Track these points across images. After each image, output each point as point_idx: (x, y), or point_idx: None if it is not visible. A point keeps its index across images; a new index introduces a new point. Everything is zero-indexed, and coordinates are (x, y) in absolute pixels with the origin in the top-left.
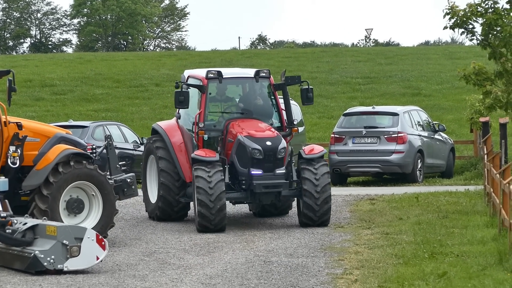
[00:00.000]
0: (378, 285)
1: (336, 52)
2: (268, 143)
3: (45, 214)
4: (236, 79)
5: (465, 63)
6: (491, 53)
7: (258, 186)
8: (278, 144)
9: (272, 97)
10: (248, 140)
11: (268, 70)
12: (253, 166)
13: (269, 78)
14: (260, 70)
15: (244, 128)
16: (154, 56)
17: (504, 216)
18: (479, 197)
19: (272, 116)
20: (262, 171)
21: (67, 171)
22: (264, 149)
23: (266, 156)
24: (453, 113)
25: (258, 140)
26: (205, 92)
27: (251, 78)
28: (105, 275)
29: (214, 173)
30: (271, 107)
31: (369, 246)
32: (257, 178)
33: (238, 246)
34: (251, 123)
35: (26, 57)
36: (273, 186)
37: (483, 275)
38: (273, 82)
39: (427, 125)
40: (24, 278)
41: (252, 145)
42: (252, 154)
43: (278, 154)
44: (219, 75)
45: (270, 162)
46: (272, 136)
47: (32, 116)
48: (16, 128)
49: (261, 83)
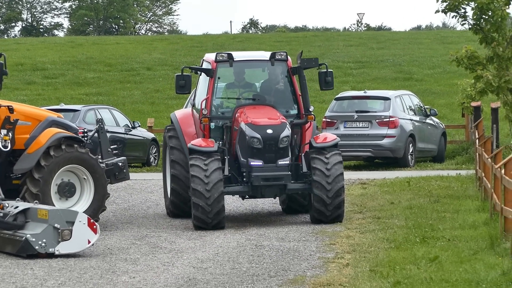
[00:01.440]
0: (369, 269)
1: (327, 37)
2: (268, 131)
3: (37, 198)
4: (249, 62)
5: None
6: (483, 37)
7: (256, 179)
8: (280, 132)
9: (289, 82)
10: (248, 128)
11: (285, 52)
12: (252, 156)
13: (286, 61)
14: (276, 53)
15: (249, 116)
16: (146, 40)
17: (495, 200)
18: (470, 182)
19: (289, 103)
20: (262, 162)
21: (58, 154)
22: (263, 137)
23: (266, 145)
24: (445, 98)
25: (258, 128)
26: (213, 76)
27: (266, 61)
28: (96, 258)
29: (211, 161)
30: (288, 93)
31: (360, 231)
32: (256, 170)
33: (229, 230)
34: (260, 110)
35: (17, 40)
36: (274, 179)
37: (474, 259)
38: (291, 66)
39: (418, 110)
40: (16, 261)
41: (252, 133)
42: (251, 143)
43: (280, 143)
44: (230, 58)
45: (271, 152)
46: (275, 123)
47: (23, 100)
48: (7, 111)
49: (277, 67)
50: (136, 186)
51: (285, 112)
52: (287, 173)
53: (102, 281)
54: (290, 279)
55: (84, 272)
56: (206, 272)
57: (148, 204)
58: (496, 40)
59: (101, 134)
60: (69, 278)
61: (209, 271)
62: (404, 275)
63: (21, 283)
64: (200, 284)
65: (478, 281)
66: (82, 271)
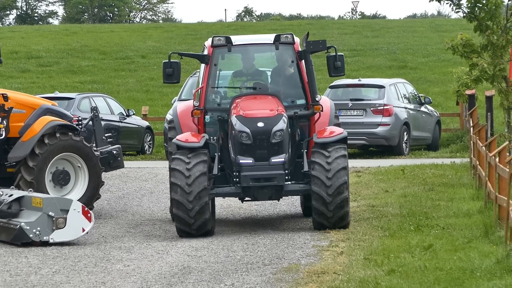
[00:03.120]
0: (364, 257)
1: (322, 25)
2: (259, 124)
3: (31, 186)
4: (250, 47)
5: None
6: (477, 25)
7: (245, 179)
8: (273, 126)
9: (297, 68)
10: (238, 121)
11: (291, 34)
12: (242, 153)
13: (293, 44)
14: (281, 35)
15: (242, 107)
16: (140, 28)
17: (490, 188)
18: (465, 170)
19: (296, 92)
20: (253, 160)
21: (53, 142)
22: (253, 132)
23: (257, 140)
24: (439, 86)
25: (248, 121)
26: (209, 63)
27: (269, 45)
28: (91, 247)
29: (195, 164)
30: (295, 81)
31: (355, 219)
32: (246, 169)
33: (224, 219)
34: (258, 100)
35: (12, 28)
36: (265, 179)
37: (468, 247)
38: (299, 49)
39: (413, 98)
40: (10, 249)
41: (241, 127)
42: (239, 139)
43: (273, 138)
44: (228, 42)
45: (263, 149)
46: (268, 115)
47: (18, 88)
48: (1, 99)
49: (283, 51)
50: (130, 174)
51: (291, 102)
52: (281, 172)
53: (96, 269)
54: (284, 267)
55: (79, 260)
56: (200, 260)
57: (143, 192)
58: (491, 28)
59: (95, 122)
60: (64, 266)
61: (203, 259)
62: (399, 263)
63: (15, 271)
64: (194, 272)
65: (472, 269)
66: (77, 259)
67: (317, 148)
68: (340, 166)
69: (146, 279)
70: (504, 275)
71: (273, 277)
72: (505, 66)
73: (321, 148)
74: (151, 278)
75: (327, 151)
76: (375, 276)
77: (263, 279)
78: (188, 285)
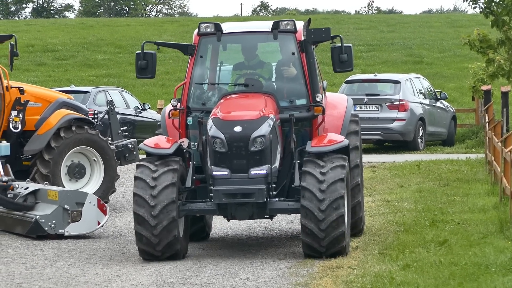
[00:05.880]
0: (378, 252)
1: (338, 20)
2: (236, 129)
3: (47, 179)
4: (243, 35)
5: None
6: (494, 21)
7: (217, 194)
8: (252, 131)
9: (298, 61)
10: (213, 124)
11: (292, 20)
12: (216, 163)
13: (294, 33)
14: (280, 22)
15: (223, 108)
16: (156, 22)
17: (505, 184)
18: (480, 166)
19: (296, 90)
20: (228, 172)
21: (68, 136)
22: (228, 137)
23: (232, 148)
24: (455, 81)
25: (224, 125)
26: (194, 54)
27: (265, 34)
28: (106, 240)
29: (163, 173)
30: (295, 76)
31: (370, 214)
32: (219, 182)
33: None
34: (244, 100)
35: (28, 22)
36: (242, 195)
37: (483, 243)
38: (301, 39)
39: (428, 93)
40: (26, 242)
41: (214, 132)
42: (213, 146)
43: (252, 145)
44: (217, 30)
45: (240, 158)
46: (248, 118)
47: (34, 81)
48: (18, 93)
49: (282, 41)
50: None
51: (290, 102)
52: (261, 186)
53: (111, 263)
54: (299, 262)
55: (94, 253)
56: (215, 254)
57: None
58: (508, 24)
59: (111, 116)
60: (79, 259)
61: (218, 253)
62: (414, 258)
63: (31, 264)
64: (209, 266)
65: (487, 264)
66: (92, 252)
67: (309, 164)
68: (337, 177)
69: (161, 272)
70: None
71: (288, 271)
72: None
73: (313, 164)
74: (166, 271)
75: (321, 172)
76: (390, 271)
77: (278, 274)
78: (203, 278)
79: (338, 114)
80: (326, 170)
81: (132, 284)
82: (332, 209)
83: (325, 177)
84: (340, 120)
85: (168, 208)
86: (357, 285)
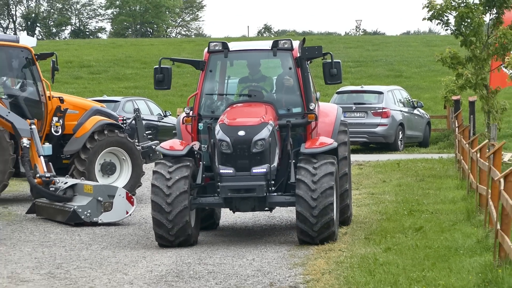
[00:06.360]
0: (364, 237)
1: (330, 40)
2: (240, 133)
3: (83, 175)
4: (247, 53)
5: (440, 49)
6: (463, 41)
7: (223, 189)
8: (254, 135)
9: (294, 75)
10: (220, 130)
11: (289, 40)
12: (222, 163)
13: (291, 50)
14: (279, 41)
15: (229, 115)
16: (176, 42)
17: (471, 179)
18: (450, 164)
19: (292, 100)
20: (233, 170)
21: (101, 138)
22: (232, 141)
23: (237, 150)
24: (430, 92)
25: (229, 130)
26: (205, 69)
27: (266, 51)
28: (133, 226)
29: (177, 168)
30: (292, 88)
31: (357, 204)
32: (225, 179)
33: None
34: (248, 108)
35: (67, 42)
36: (245, 190)
37: (453, 229)
38: (297, 55)
39: (407, 102)
40: (65, 229)
41: (221, 136)
42: (220, 147)
43: (253, 147)
44: (225, 48)
45: (243, 158)
46: (250, 124)
47: (72, 92)
48: (58, 102)
49: (281, 58)
50: None
51: (287, 110)
52: (262, 183)
53: (138, 246)
54: (297, 246)
55: (123, 238)
56: (225, 239)
57: None
58: (474, 44)
59: (137, 122)
60: (110, 243)
61: (228, 239)
62: (394, 242)
63: (69, 247)
64: (221, 249)
65: (456, 247)
66: (121, 237)
67: (303, 162)
68: (327, 171)
69: (180, 254)
70: (483, 252)
71: (288, 253)
72: (486, 76)
73: (307, 162)
74: (184, 253)
75: (314, 167)
76: (374, 253)
77: (279, 255)
78: (215, 259)
79: (329, 121)
80: (317, 166)
81: (155, 264)
82: (323, 198)
83: (317, 171)
84: (331, 126)
85: (181, 197)
86: (346, 265)
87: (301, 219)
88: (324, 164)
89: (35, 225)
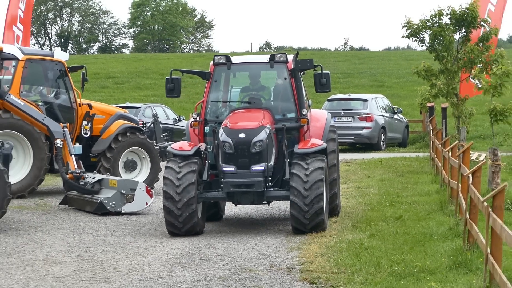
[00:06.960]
0: (352, 225)
1: (322, 54)
2: (241, 135)
3: (109, 171)
4: (247, 65)
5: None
6: (436, 56)
7: (226, 185)
8: (253, 137)
9: (289, 84)
10: (223, 132)
11: (284, 53)
12: (226, 161)
13: (286, 63)
14: (275, 55)
15: (230, 120)
16: (189, 57)
17: (444, 175)
18: (426, 161)
19: (287, 106)
20: (235, 168)
21: (124, 139)
22: (234, 142)
23: (238, 150)
24: (408, 100)
25: (231, 132)
26: (210, 79)
27: (264, 64)
28: (152, 216)
29: (185, 164)
30: (287, 96)
31: (345, 197)
32: (228, 176)
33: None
34: (248, 114)
35: (95, 56)
36: (246, 185)
37: (428, 218)
38: (291, 67)
39: (388, 108)
40: (93, 217)
41: (225, 138)
42: (223, 148)
43: (253, 148)
44: (228, 61)
45: (244, 157)
46: (250, 127)
47: (99, 100)
48: (87, 108)
49: (277, 69)
50: None
51: (282, 116)
52: (260, 179)
53: (155, 233)
54: (294, 233)
55: (143, 226)
56: (231, 228)
57: None
58: (446, 58)
59: (155, 125)
60: (132, 230)
61: (233, 228)
62: (377, 229)
63: (97, 233)
64: (227, 236)
65: (431, 234)
66: (141, 225)
67: (297, 159)
68: (317, 166)
69: (192, 240)
70: (455, 238)
71: (285, 239)
72: (456, 86)
73: (301, 159)
74: (195, 239)
75: (306, 163)
76: (360, 239)
77: (278, 241)
78: (223, 244)
79: (320, 125)
80: (309, 162)
81: (171, 248)
82: (314, 189)
83: (309, 166)
84: (321, 129)
85: (189, 188)
86: (336, 249)
87: (295, 208)
88: (315, 160)
89: (67, 214)
